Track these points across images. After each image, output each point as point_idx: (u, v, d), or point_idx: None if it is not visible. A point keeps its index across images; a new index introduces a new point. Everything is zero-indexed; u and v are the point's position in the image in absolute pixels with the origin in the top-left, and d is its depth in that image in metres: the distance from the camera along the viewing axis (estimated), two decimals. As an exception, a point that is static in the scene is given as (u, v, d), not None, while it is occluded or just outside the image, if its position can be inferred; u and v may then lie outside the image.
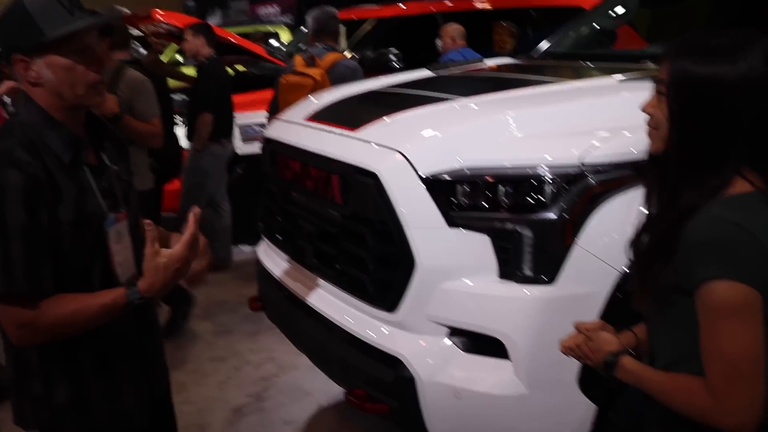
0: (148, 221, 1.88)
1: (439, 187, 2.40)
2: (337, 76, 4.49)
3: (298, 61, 4.71)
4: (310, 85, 4.40)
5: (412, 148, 2.48)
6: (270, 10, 19.36)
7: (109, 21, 2.13)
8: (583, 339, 1.78)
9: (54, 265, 1.80)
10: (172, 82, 6.56)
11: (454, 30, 6.17)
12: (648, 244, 1.64)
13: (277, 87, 4.77)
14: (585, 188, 2.25)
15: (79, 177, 1.87)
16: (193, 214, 1.89)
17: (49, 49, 1.79)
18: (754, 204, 1.50)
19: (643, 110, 1.64)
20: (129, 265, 1.99)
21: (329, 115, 3.14)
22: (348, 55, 5.41)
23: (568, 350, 1.82)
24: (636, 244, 1.72)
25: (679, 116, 1.54)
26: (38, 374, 1.91)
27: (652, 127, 1.62)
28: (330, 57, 4.65)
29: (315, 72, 4.53)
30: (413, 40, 6.23)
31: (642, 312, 1.78)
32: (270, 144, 3.33)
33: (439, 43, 6.22)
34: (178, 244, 1.87)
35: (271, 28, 12.84)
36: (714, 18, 4.63)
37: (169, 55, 11.60)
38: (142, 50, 6.55)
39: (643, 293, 1.67)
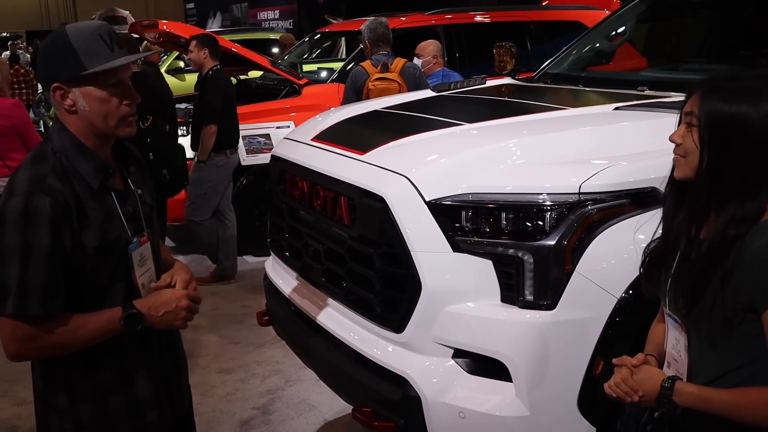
0: None
1: (443, 212, 2.47)
2: (407, 76, 5.21)
3: (369, 67, 5.25)
4: (396, 89, 5.02)
5: (417, 173, 2.55)
6: (270, 14, 19.42)
7: (145, 58, 2.28)
8: (628, 373, 1.82)
9: (76, 284, 1.89)
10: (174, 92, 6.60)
11: (436, 48, 5.92)
12: (696, 270, 1.73)
13: (361, 92, 5.19)
14: (583, 216, 2.32)
15: (106, 202, 1.96)
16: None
17: (87, 81, 1.89)
18: None
19: (671, 139, 1.80)
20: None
21: (337, 137, 3.19)
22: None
23: (613, 388, 1.85)
24: (668, 270, 1.82)
25: (709, 147, 1.71)
26: (63, 388, 1.99)
27: (680, 155, 1.78)
28: (399, 61, 5.30)
29: (393, 76, 5.15)
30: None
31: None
32: (279, 162, 3.39)
33: (418, 61, 5.81)
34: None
35: (273, 36, 12.84)
36: (710, 37, 4.72)
37: (169, 62, 11.69)
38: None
39: (692, 317, 1.75)
